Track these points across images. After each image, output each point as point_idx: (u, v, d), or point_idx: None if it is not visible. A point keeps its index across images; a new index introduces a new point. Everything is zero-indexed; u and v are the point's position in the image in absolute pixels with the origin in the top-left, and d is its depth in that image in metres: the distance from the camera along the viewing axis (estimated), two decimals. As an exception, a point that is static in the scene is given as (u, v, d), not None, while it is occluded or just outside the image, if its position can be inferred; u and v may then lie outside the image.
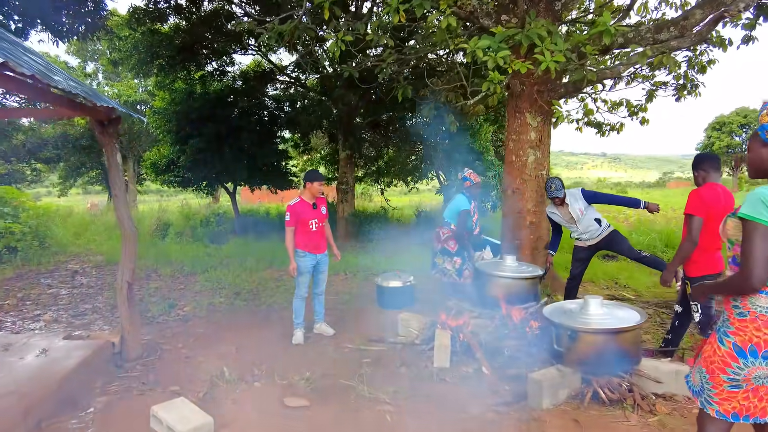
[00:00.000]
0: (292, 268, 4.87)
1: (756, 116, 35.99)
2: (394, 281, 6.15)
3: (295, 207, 4.89)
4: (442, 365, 4.20)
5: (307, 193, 4.98)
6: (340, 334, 5.24)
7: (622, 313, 3.73)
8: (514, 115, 6.14)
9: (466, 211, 5.43)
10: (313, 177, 4.95)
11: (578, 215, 5.08)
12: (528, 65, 4.30)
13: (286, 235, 4.90)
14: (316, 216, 5.00)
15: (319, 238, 5.06)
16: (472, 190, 5.53)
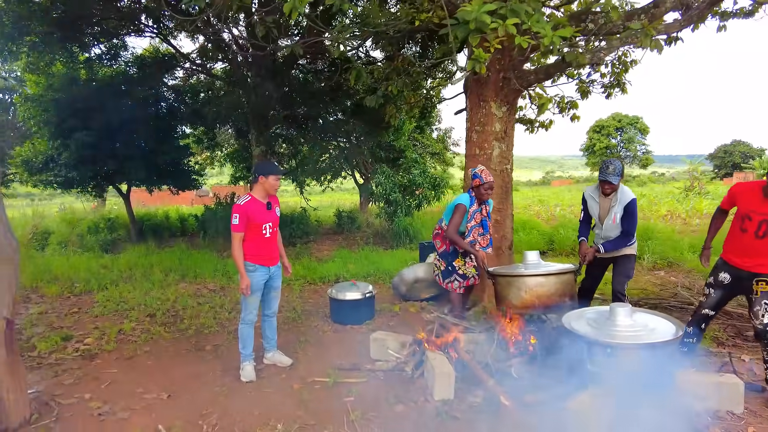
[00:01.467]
0: (246, 285, 3.84)
1: (629, 121, 40.12)
2: (352, 293, 5.31)
3: (246, 207, 3.87)
4: (446, 397, 3.47)
5: (260, 189, 3.97)
6: (299, 363, 4.29)
7: (654, 323, 3.28)
8: (478, 104, 5.59)
9: (462, 206, 4.66)
10: (269, 169, 3.94)
11: (610, 222, 4.32)
12: (529, 40, 3.74)
13: (233, 243, 3.87)
14: (271, 219, 4.02)
15: (272, 246, 4.08)
16: (481, 190, 4.64)
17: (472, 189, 4.72)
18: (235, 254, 3.87)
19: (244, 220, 3.85)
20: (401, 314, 5.61)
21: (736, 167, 41.87)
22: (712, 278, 3.71)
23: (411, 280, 6.38)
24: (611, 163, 4.25)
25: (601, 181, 4.29)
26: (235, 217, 3.83)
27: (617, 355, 3.02)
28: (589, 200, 4.52)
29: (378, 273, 7.91)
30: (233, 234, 3.87)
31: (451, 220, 4.69)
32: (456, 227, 4.67)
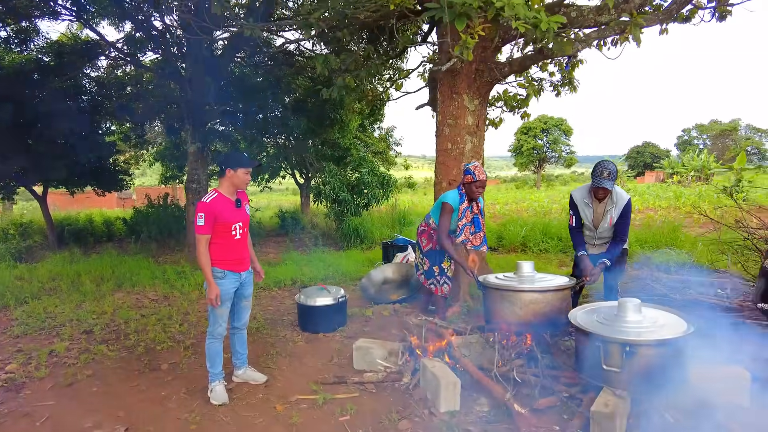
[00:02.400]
0: (215, 295, 3.34)
1: (554, 123, 42.14)
2: (323, 298, 4.89)
3: (213, 205, 3.36)
4: (452, 408, 3.18)
5: (227, 184, 3.46)
6: (275, 380, 3.83)
7: (663, 318, 3.18)
8: (451, 96, 5.38)
9: (448, 205, 4.31)
10: (237, 161, 3.44)
11: (606, 225, 4.12)
12: (525, 25, 3.55)
13: (199, 248, 3.35)
14: (240, 218, 3.54)
15: (243, 249, 3.60)
16: (473, 187, 4.32)
17: (462, 185, 4.41)
18: (201, 260, 3.35)
19: (210, 220, 3.34)
20: (375, 318, 5.27)
21: (648, 167, 45.29)
22: None
23: (380, 281, 6.06)
24: (606, 167, 3.95)
25: (595, 187, 4.03)
26: (199, 217, 3.31)
27: (636, 353, 2.87)
28: (582, 206, 4.27)
29: (337, 275, 7.51)
30: (198, 237, 3.34)
31: (440, 221, 4.37)
32: (446, 229, 4.36)
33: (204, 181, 11.72)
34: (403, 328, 4.79)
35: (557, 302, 3.77)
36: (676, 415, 2.86)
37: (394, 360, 3.84)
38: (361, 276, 7.44)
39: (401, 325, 4.92)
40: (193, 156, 11.33)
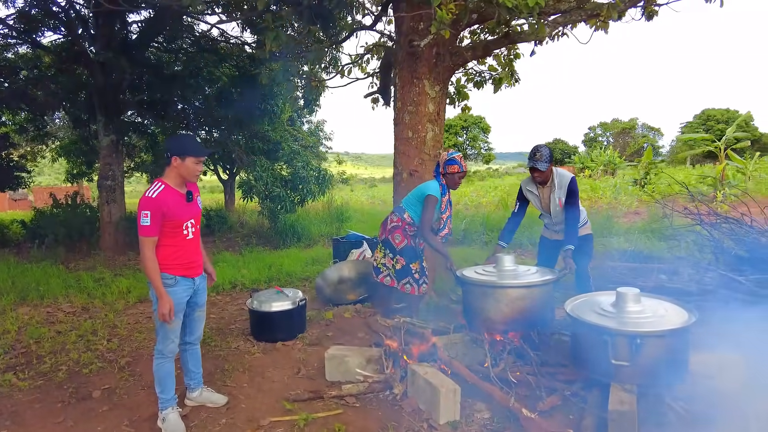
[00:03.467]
0: (169, 309, 2.76)
1: (473, 121, 43.54)
2: (280, 302, 4.37)
3: (160, 200, 2.76)
4: (452, 418, 2.86)
5: (174, 175, 2.87)
6: (237, 400, 3.31)
7: (663, 307, 3.07)
8: (411, 81, 5.06)
9: (434, 198, 3.96)
10: (186, 148, 2.84)
11: (556, 208, 4.04)
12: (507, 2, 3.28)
13: (144, 252, 2.75)
14: (193, 214, 2.97)
15: (196, 250, 3.04)
16: (456, 178, 4.04)
17: (443, 176, 4.09)
18: (148, 267, 2.75)
19: (157, 218, 2.75)
20: (336, 321, 4.84)
21: (559, 162, 48.19)
22: None
23: (335, 280, 5.63)
24: (538, 150, 3.91)
25: (529, 168, 3.98)
26: (144, 215, 2.72)
27: (646, 345, 2.71)
28: (528, 194, 4.20)
29: (281, 276, 6.95)
30: (143, 240, 2.74)
31: (424, 216, 3.98)
32: (430, 224, 4.00)
33: (119, 178, 10.56)
34: (371, 331, 4.43)
35: (544, 296, 3.59)
36: (685, 405, 2.75)
37: (375, 368, 3.46)
38: (308, 276, 6.96)
39: (368, 328, 4.55)
40: (106, 150, 10.17)
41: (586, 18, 4.14)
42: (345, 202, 14.06)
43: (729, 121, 37.56)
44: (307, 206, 12.73)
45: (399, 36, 5.09)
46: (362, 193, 25.07)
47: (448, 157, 4.05)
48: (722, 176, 13.26)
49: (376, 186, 44.99)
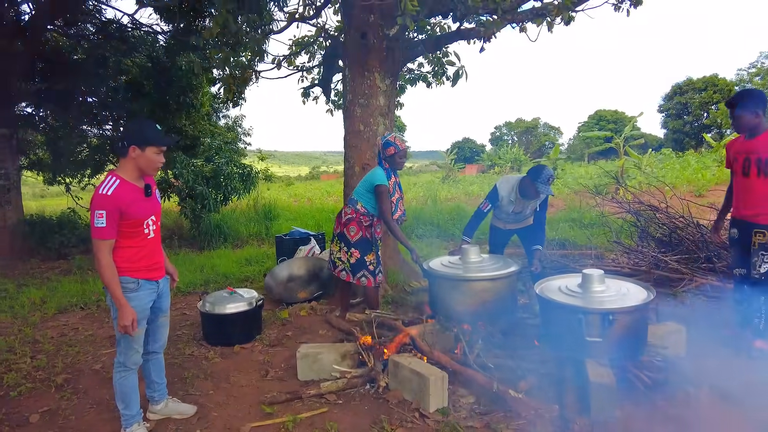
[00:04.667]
0: (132, 320, 2.48)
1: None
2: (235, 304, 4.13)
3: (117, 197, 2.44)
4: (441, 405, 2.88)
5: (131, 167, 2.56)
6: (206, 409, 3.07)
7: (625, 286, 3.31)
8: (362, 74, 5.00)
9: (384, 187, 3.95)
10: (147, 137, 2.53)
11: (527, 213, 4.34)
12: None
13: (100, 258, 2.43)
14: (153, 210, 2.69)
15: (158, 250, 2.78)
16: (396, 158, 4.06)
17: (384, 160, 4.11)
18: (105, 275, 2.43)
19: (114, 217, 2.43)
20: (293, 320, 4.67)
21: (468, 160, 50.43)
22: (728, 237, 3.89)
23: (285, 279, 5.43)
24: (546, 172, 4.07)
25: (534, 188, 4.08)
26: (98, 215, 2.40)
27: (617, 321, 2.92)
28: (505, 202, 4.36)
29: (218, 278, 6.58)
30: (98, 243, 2.43)
31: (381, 208, 4.00)
32: (390, 215, 4.01)
33: (14, 176, 9.42)
34: (332, 328, 4.34)
35: (509, 285, 3.73)
36: (649, 374, 2.99)
37: (350, 363, 3.39)
38: (247, 276, 6.67)
39: (329, 324, 4.45)
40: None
41: (533, 17, 4.34)
42: (273, 200, 13.62)
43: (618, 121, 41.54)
44: (232, 205, 12.19)
45: (349, 28, 5.01)
46: (281, 192, 24.44)
47: (383, 141, 4.10)
48: (622, 171, 14.65)
49: (293, 184, 44.18)
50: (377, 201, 3.99)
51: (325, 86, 6.41)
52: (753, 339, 3.48)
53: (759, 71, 39.47)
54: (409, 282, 5.42)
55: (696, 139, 40.21)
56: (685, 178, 15.35)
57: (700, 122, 42.25)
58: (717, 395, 2.90)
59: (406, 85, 8.51)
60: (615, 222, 7.02)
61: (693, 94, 43.53)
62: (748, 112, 3.41)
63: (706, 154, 23.71)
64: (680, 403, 2.82)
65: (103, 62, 10.05)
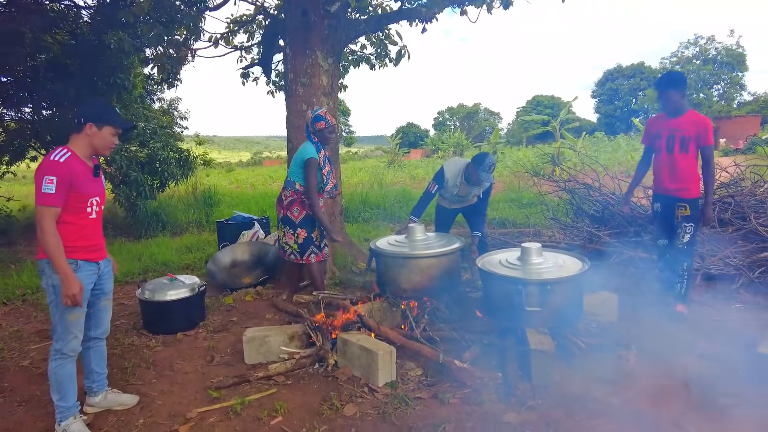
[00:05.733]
0: (79, 289, 2.37)
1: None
2: (176, 290, 3.98)
3: (68, 167, 2.37)
4: (390, 379, 2.93)
5: (84, 144, 2.49)
6: (150, 398, 2.97)
7: (561, 258, 3.47)
8: (304, 53, 4.90)
9: (314, 161, 3.90)
10: (107, 115, 2.49)
11: (470, 199, 4.52)
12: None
13: (45, 226, 2.33)
14: (98, 191, 2.59)
15: (99, 232, 2.65)
16: (325, 133, 4.00)
17: (313, 134, 4.07)
18: (49, 243, 2.34)
19: (65, 186, 2.36)
20: (238, 306, 4.57)
21: (413, 145, 50.86)
22: (651, 210, 4.10)
23: (228, 264, 5.29)
24: (492, 164, 4.24)
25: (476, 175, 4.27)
26: (48, 181, 2.31)
27: (555, 291, 3.06)
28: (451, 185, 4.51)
29: (157, 267, 6.31)
30: (43, 210, 2.32)
31: (308, 179, 3.94)
32: (315, 189, 3.97)
33: None
34: (279, 311, 4.30)
35: (453, 264, 3.83)
36: (585, 340, 3.17)
37: (298, 344, 3.37)
38: (188, 264, 6.44)
39: (276, 308, 4.39)
40: None
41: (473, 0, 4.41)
42: (212, 185, 13.18)
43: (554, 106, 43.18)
44: (169, 191, 11.71)
45: (289, 5, 4.88)
46: (222, 178, 23.68)
47: (313, 115, 4.06)
48: (558, 153, 15.28)
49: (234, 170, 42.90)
50: (305, 174, 3.93)
51: (265, 66, 6.23)
52: (675, 303, 3.76)
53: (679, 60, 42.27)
54: (356, 263, 5.44)
55: (626, 123, 42.57)
56: (616, 159, 16.24)
57: (629, 107, 44.73)
58: (644, 356, 3.12)
59: (350, 66, 8.43)
60: (552, 201, 7.33)
61: (623, 81, 45.95)
62: (675, 92, 3.65)
63: (635, 137, 25.14)
64: (612, 365, 3.02)
65: (17, 38, 9.25)
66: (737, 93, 42.27)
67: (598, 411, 2.54)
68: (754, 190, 5.85)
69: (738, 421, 2.42)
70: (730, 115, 34.91)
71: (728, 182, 6.34)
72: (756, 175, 6.19)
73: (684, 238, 3.68)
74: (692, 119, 3.61)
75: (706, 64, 41.05)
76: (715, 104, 40.06)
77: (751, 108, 40.38)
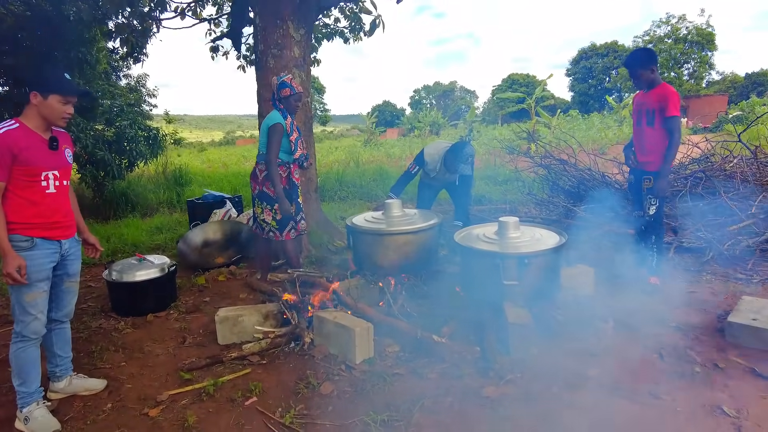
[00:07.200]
0: (15, 266, 2.22)
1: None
2: (145, 271, 3.84)
3: (9, 137, 2.22)
4: (368, 356, 2.88)
5: (34, 115, 2.33)
6: (118, 382, 2.85)
7: (538, 232, 3.45)
8: (274, 23, 4.71)
9: (279, 126, 3.77)
10: (52, 83, 2.31)
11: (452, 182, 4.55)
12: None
13: None
14: (56, 164, 2.42)
15: (61, 208, 2.48)
16: (291, 101, 3.87)
17: (278, 101, 3.92)
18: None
19: (5, 159, 2.21)
20: (211, 286, 4.45)
21: (389, 124, 50.52)
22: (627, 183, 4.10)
23: (200, 244, 5.14)
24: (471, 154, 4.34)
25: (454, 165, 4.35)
26: None
27: (532, 264, 3.05)
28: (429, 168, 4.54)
29: (126, 248, 6.11)
30: None
31: (269, 144, 3.79)
32: (277, 152, 3.82)
33: None
34: (254, 291, 4.20)
35: (431, 238, 3.79)
36: (562, 313, 3.18)
37: (273, 324, 3.29)
38: (158, 244, 6.25)
39: (249, 288, 4.29)
40: None
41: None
42: (183, 164, 12.83)
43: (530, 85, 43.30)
44: (138, 171, 11.34)
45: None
46: (193, 158, 23.12)
47: (278, 81, 3.92)
48: (533, 130, 15.34)
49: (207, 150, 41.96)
50: (268, 139, 3.79)
51: (234, 38, 5.99)
52: (648, 276, 3.81)
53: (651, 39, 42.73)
54: (333, 242, 5.35)
55: (599, 102, 43.08)
56: (590, 137, 16.40)
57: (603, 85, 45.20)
58: (620, 327, 3.15)
59: (322, 39, 8.21)
60: (528, 177, 7.34)
61: (596, 59, 46.29)
62: (644, 69, 3.64)
63: (608, 115, 25.46)
64: (588, 337, 3.03)
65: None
66: (706, 72, 43.11)
67: (576, 383, 2.55)
68: (724, 165, 5.96)
69: (711, 388, 2.46)
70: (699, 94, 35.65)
71: (699, 157, 6.45)
72: (726, 150, 6.30)
73: (650, 210, 3.71)
74: (657, 92, 3.61)
75: (677, 43, 41.62)
76: (685, 83, 40.81)
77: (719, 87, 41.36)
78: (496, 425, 2.25)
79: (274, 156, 3.80)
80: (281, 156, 3.91)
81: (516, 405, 2.38)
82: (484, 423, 2.26)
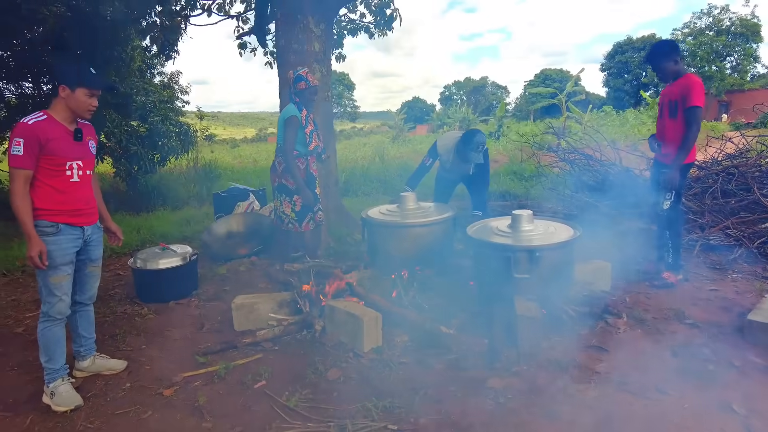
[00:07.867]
0: (37, 251, 2.36)
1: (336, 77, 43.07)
2: (168, 259, 3.99)
3: (37, 129, 2.36)
4: (376, 345, 2.93)
5: (62, 108, 2.47)
6: (137, 363, 2.99)
7: (553, 225, 3.42)
8: (295, 18, 4.79)
9: (295, 118, 3.87)
10: (80, 77, 2.43)
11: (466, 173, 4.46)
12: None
13: (15, 187, 2.36)
14: (80, 155, 2.55)
15: (84, 196, 2.61)
16: (306, 95, 3.96)
17: (294, 95, 4.01)
18: (17, 204, 2.35)
19: (33, 148, 2.35)
20: (231, 276, 4.58)
21: (419, 120, 50.38)
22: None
23: (223, 235, 5.29)
24: (481, 142, 4.22)
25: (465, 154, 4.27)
26: (16, 143, 2.32)
27: (544, 257, 3.02)
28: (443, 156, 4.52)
29: (155, 239, 6.32)
30: (14, 172, 2.34)
31: (286, 136, 3.90)
32: (293, 144, 3.93)
33: None
34: (273, 281, 4.30)
35: (445, 231, 3.80)
36: (575, 307, 3.14)
37: (287, 311, 3.37)
38: (186, 236, 6.45)
39: (269, 278, 4.39)
40: None
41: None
42: (213, 159, 13.15)
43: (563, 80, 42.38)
44: (170, 165, 11.69)
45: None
46: (225, 154, 23.65)
47: (294, 75, 4.00)
48: (564, 126, 15.05)
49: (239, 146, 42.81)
50: (285, 131, 3.89)
51: (259, 34, 6.11)
52: (663, 271, 3.72)
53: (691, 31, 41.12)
54: (352, 235, 5.41)
55: (635, 97, 41.80)
56: (623, 133, 15.97)
57: (639, 80, 43.83)
58: (634, 323, 3.09)
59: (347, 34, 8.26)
60: (551, 173, 7.24)
61: (632, 54, 44.91)
62: (667, 61, 3.55)
63: (643, 111, 24.69)
64: (600, 332, 3.00)
65: (12, 10, 9.13)
66: (751, 65, 41.19)
67: (583, 377, 2.52)
68: (759, 161, 5.73)
69: (723, 386, 2.40)
70: (743, 89, 34.13)
71: (734, 153, 6.22)
72: (762, 146, 6.05)
73: (664, 204, 3.62)
74: (681, 82, 3.51)
75: (719, 35, 39.91)
76: (727, 77, 39.14)
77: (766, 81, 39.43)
78: (496, 415, 2.25)
79: (291, 148, 3.89)
80: (298, 148, 3.99)
81: (519, 397, 2.38)
82: (485, 413, 2.27)
